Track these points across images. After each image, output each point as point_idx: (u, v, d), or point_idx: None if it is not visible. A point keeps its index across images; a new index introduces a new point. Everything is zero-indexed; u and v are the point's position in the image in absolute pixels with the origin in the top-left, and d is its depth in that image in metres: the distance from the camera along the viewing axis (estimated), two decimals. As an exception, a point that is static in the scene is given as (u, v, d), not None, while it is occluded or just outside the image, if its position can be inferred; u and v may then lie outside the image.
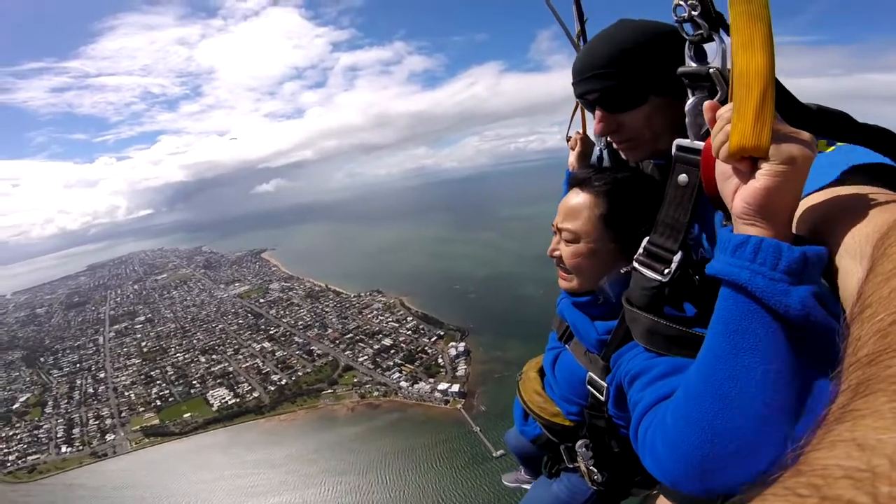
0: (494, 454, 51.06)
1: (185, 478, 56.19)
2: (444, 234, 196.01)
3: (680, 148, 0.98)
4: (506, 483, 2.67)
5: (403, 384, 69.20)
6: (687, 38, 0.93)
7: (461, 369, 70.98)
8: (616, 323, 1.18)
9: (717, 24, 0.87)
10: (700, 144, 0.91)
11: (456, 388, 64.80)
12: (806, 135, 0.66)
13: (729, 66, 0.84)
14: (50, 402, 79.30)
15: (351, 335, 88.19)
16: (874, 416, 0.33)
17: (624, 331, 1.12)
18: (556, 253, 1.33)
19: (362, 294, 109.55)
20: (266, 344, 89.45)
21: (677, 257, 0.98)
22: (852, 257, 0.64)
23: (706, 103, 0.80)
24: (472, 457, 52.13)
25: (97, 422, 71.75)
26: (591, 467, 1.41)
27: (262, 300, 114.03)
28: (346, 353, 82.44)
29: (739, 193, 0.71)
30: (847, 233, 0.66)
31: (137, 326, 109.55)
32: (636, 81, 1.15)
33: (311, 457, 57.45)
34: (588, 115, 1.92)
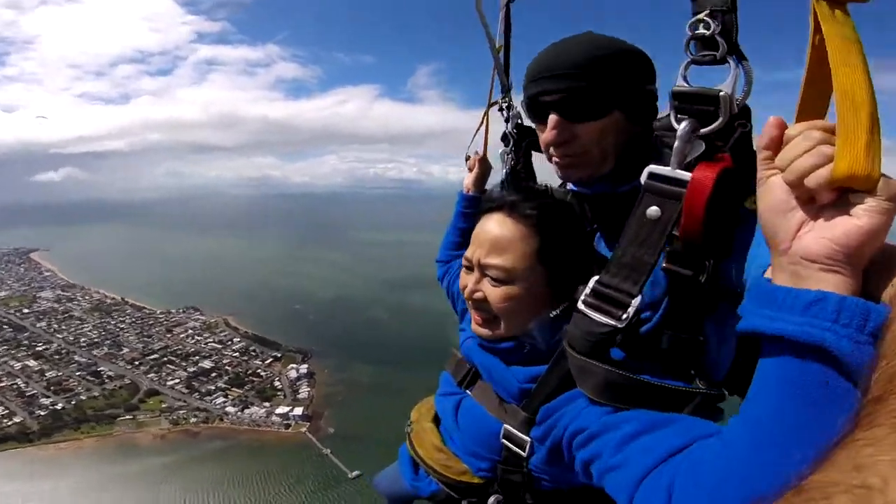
0: (350, 475, 49.56)
1: None
2: (287, 251, 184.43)
3: (654, 176, 0.87)
4: None
5: (230, 409, 62.51)
6: (690, 56, 0.86)
7: (304, 392, 67.53)
8: (543, 370, 1.04)
9: (735, 47, 0.83)
10: (685, 174, 0.82)
11: (299, 411, 61.52)
12: None
13: (739, 93, 0.82)
14: None
15: (156, 356, 75.83)
16: (874, 444, 0.37)
17: (557, 380, 0.99)
18: (478, 294, 1.14)
19: (172, 311, 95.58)
20: (31, 362, 69.58)
21: (636, 301, 0.85)
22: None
23: (772, 118, 0.68)
24: (324, 480, 49.86)
25: None
26: None
27: (26, 310, 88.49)
28: (149, 376, 70.40)
29: (821, 231, 0.58)
30: (879, 282, 0.59)
31: None
32: (605, 90, 1.05)
33: (110, 489, 47.41)
34: (491, 137, 1.89)
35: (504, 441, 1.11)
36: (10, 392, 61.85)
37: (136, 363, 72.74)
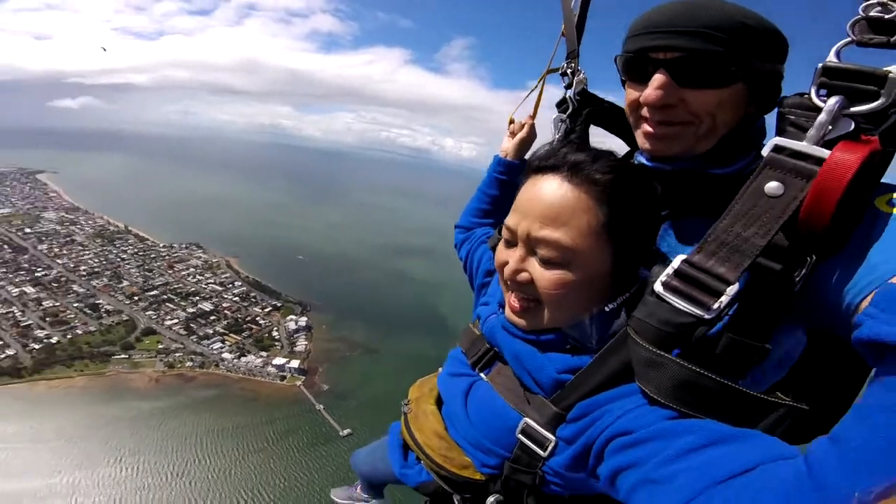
0: (341, 433, 50.45)
1: None
2: (289, 201, 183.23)
3: (781, 150, 0.76)
4: (335, 498, 2.34)
5: (227, 356, 62.56)
6: (853, 38, 0.78)
7: (301, 345, 67.52)
8: (587, 360, 0.91)
9: None
10: (822, 151, 0.71)
11: (295, 363, 61.37)
12: None
13: None
14: None
15: (156, 293, 75.71)
16: None
17: (604, 373, 0.86)
18: (524, 276, 0.94)
19: (175, 245, 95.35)
20: (29, 288, 68.93)
21: (732, 290, 0.72)
22: None
23: None
24: (315, 436, 50.56)
25: None
26: None
27: (28, 230, 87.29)
28: (147, 313, 70.42)
29: None
30: None
31: None
32: (737, 57, 0.94)
33: (98, 432, 47.37)
34: (543, 102, 1.78)
35: (520, 437, 0.95)
36: (6, 321, 61.38)
37: (136, 298, 72.63)
